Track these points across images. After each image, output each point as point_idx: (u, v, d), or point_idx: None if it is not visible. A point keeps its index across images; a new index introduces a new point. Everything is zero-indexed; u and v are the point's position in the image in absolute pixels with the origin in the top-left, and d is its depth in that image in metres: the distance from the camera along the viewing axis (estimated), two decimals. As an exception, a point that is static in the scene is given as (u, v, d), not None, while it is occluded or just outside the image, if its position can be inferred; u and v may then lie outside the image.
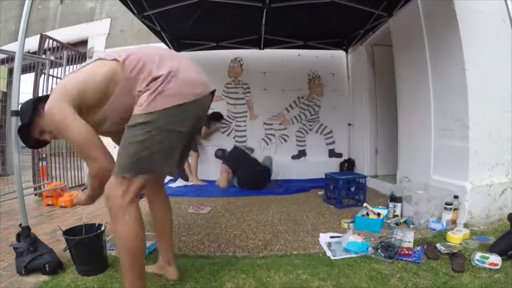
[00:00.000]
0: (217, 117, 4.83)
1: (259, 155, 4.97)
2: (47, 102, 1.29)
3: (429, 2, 2.88)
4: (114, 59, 1.33)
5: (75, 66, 4.94)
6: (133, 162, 1.27)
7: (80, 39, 5.33)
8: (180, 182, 4.57)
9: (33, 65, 4.21)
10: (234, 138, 5.07)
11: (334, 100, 5.13)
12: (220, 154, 4.75)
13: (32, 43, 4.16)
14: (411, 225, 2.47)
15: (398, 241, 1.99)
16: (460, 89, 2.55)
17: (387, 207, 2.77)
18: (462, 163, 2.54)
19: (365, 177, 3.34)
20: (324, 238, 2.25)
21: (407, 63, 3.34)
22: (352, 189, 3.31)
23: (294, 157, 5.14)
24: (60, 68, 4.42)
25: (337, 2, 3.22)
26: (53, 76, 4.34)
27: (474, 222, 2.46)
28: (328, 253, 2.01)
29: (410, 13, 3.14)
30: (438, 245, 2.01)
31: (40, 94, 4.15)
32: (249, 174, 4.23)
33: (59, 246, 1.99)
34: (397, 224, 2.52)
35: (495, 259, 1.75)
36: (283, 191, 4.06)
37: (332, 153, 5.16)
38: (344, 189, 3.23)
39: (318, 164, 4.88)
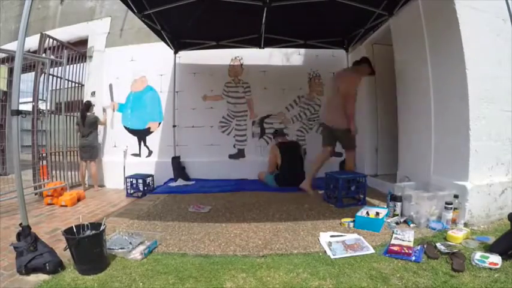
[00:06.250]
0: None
1: (259, 154, 5.00)
2: None
3: (430, 2, 2.87)
4: None
5: (75, 65, 4.95)
6: None
7: (80, 38, 5.32)
8: (180, 182, 4.57)
9: (33, 64, 4.21)
10: (234, 137, 5.07)
11: (334, 99, 5.12)
12: (279, 134, 4.57)
13: (32, 42, 4.17)
14: (411, 225, 2.47)
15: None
16: (460, 89, 2.54)
17: (387, 206, 2.77)
18: (462, 162, 2.54)
19: (365, 176, 3.34)
20: (324, 237, 2.25)
21: (408, 63, 3.33)
22: (353, 188, 3.30)
23: (294, 156, 5.13)
24: (60, 67, 4.43)
25: (337, 1, 3.21)
26: (53, 75, 4.35)
27: (474, 221, 2.46)
28: (329, 252, 2.01)
29: (411, 12, 3.14)
30: (438, 245, 2.01)
31: (40, 93, 4.15)
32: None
33: (59, 246, 2.00)
34: (397, 223, 2.52)
35: (495, 259, 1.76)
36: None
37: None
38: (344, 188, 3.22)
39: (318, 163, 4.87)
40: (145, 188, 4.21)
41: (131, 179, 4.22)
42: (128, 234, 2.28)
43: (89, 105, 4.64)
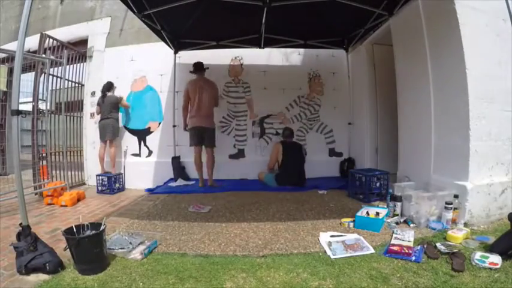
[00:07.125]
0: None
1: (259, 154, 5.01)
2: None
3: (430, 2, 2.87)
4: None
5: (75, 65, 4.94)
6: None
7: (80, 38, 5.31)
8: (180, 182, 4.57)
9: (33, 64, 4.21)
10: (234, 137, 5.07)
11: (334, 99, 5.12)
12: (288, 134, 4.51)
13: (32, 42, 4.16)
14: (411, 225, 2.47)
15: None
16: (460, 89, 2.54)
17: (387, 206, 2.77)
18: (462, 162, 2.54)
19: (388, 173, 3.44)
20: (324, 237, 2.25)
21: (408, 63, 3.33)
22: (378, 184, 3.42)
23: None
24: (60, 67, 4.42)
25: (337, 1, 3.21)
26: (53, 75, 4.34)
27: (474, 221, 2.46)
28: (329, 252, 2.01)
29: (411, 12, 3.14)
30: (438, 245, 2.01)
31: (40, 93, 4.15)
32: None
33: (59, 246, 2.00)
34: (397, 223, 2.52)
35: (495, 258, 1.76)
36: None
37: (332, 153, 5.16)
38: (370, 184, 3.37)
39: (318, 163, 4.88)
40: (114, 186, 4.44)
41: (101, 177, 4.42)
42: (128, 234, 2.28)
43: (110, 85, 4.71)
